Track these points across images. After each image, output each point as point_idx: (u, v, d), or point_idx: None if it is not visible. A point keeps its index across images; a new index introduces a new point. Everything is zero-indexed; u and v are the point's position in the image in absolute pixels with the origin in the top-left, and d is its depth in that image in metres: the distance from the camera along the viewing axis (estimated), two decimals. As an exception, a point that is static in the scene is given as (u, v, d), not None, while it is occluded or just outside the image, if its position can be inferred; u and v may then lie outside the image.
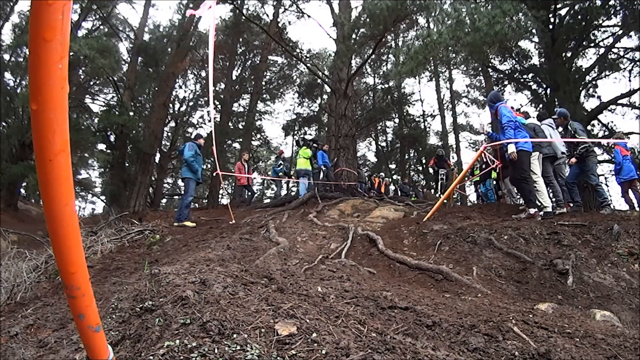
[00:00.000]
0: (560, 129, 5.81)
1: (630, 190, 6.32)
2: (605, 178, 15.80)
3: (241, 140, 18.50)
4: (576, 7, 10.44)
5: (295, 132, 22.78)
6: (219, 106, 17.60)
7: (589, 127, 11.09)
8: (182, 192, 7.30)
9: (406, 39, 18.09)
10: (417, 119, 22.19)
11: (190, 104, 19.52)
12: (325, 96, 21.08)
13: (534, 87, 12.54)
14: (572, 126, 5.52)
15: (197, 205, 18.30)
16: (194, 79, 19.58)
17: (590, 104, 12.47)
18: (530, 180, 4.72)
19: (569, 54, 11.39)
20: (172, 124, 19.33)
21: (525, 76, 13.19)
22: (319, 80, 17.69)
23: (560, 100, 10.14)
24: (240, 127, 19.73)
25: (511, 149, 4.44)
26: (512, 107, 5.25)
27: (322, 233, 4.86)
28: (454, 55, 10.01)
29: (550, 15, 10.20)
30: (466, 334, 1.41)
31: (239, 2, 14.47)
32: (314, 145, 9.80)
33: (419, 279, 3.04)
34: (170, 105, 17.73)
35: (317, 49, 26.99)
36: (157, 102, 15.19)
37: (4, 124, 13.04)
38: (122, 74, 15.63)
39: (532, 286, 3.08)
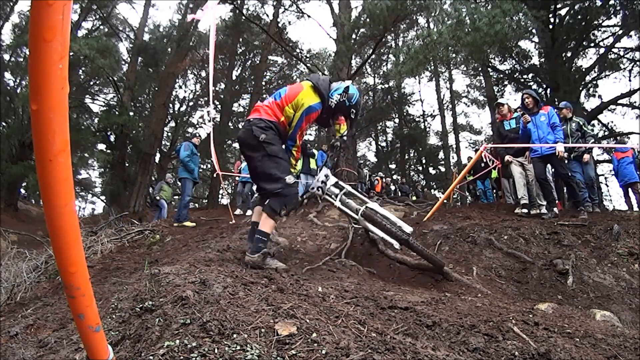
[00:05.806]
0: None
1: (630, 191, 6.37)
2: (605, 178, 15.81)
3: (241, 140, 18.47)
4: (576, 7, 10.44)
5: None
6: (219, 106, 17.60)
7: (589, 127, 11.16)
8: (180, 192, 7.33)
9: (406, 39, 18.10)
10: (417, 119, 22.20)
11: (190, 104, 19.53)
12: (325, 96, 21.01)
13: (534, 87, 12.55)
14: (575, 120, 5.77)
15: (197, 205, 18.31)
16: (194, 79, 19.59)
17: (590, 104, 12.50)
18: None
19: (569, 54, 11.40)
20: (172, 124, 19.34)
21: (525, 76, 13.21)
22: (319, 81, 17.63)
23: (560, 100, 10.15)
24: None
25: (560, 147, 4.60)
26: (519, 107, 5.31)
27: (322, 233, 4.85)
28: (454, 55, 10.01)
29: (550, 15, 10.21)
30: (466, 334, 1.41)
31: (239, 2, 14.46)
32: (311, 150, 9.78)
33: (419, 279, 3.04)
34: (170, 105, 17.74)
35: (317, 49, 27.03)
36: (157, 102, 15.22)
37: (4, 124, 13.05)
38: (122, 74, 15.63)
39: (532, 286, 3.08)
